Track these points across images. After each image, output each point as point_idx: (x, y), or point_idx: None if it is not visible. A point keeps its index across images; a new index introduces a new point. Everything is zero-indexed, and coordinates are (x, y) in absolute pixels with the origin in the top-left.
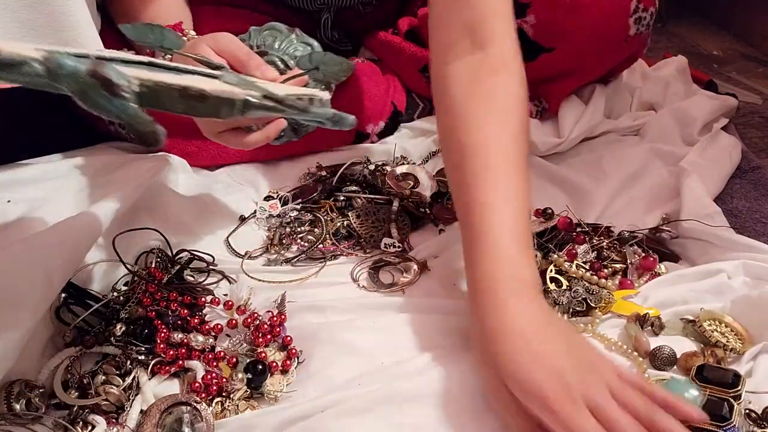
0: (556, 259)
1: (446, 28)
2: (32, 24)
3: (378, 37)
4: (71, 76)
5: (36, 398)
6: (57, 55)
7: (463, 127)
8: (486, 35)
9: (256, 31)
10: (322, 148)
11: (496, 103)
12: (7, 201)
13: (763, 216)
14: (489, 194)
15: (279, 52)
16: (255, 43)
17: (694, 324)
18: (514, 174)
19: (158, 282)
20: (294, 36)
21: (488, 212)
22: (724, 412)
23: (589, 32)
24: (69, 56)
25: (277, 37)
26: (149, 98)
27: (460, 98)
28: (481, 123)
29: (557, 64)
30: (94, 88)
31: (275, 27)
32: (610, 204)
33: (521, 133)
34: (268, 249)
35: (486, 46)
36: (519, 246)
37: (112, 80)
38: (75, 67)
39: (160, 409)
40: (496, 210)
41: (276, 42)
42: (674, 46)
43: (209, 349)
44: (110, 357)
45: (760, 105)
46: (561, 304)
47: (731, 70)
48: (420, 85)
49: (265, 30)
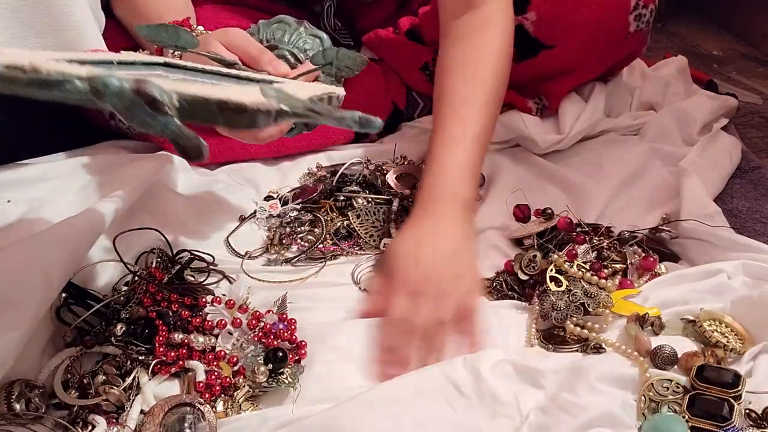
0: (556, 259)
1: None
2: (33, 24)
3: (378, 35)
4: (116, 95)
5: (36, 398)
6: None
7: (441, 74)
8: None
9: (265, 25)
10: (323, 147)
11: (473, 53)
12: (7, 201)
13: (763, 216)
14: (451, 131)
15: (289, 45)
16: (264, 37)
17: (695, 324)
18: (476, 118)
19: (159, 282)
20: (303, 29)
21: (448, 144)
22: (724, 413)
23: (590, 29)
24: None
25: (286, 31)
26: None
27: (446, 49)
28: (456, 70)
29: (557, 62)
30: (139, 105)
31: (284, 20)
32: (610, 204)
33: (494, 80)
34: (268, 249)
35: (476, 6)
36: (463, 173)
37: (155, 97)
38: (120, 87)
39: (163, 410)
40: (453, 145)
41: (285, 35)
42: (674, 46)
43: (210, 350)
44: (110, 357)
45: (760, 105)
46: (558, 309)
47: (731, 70)
48: (420, 83)
49: (274, 23)
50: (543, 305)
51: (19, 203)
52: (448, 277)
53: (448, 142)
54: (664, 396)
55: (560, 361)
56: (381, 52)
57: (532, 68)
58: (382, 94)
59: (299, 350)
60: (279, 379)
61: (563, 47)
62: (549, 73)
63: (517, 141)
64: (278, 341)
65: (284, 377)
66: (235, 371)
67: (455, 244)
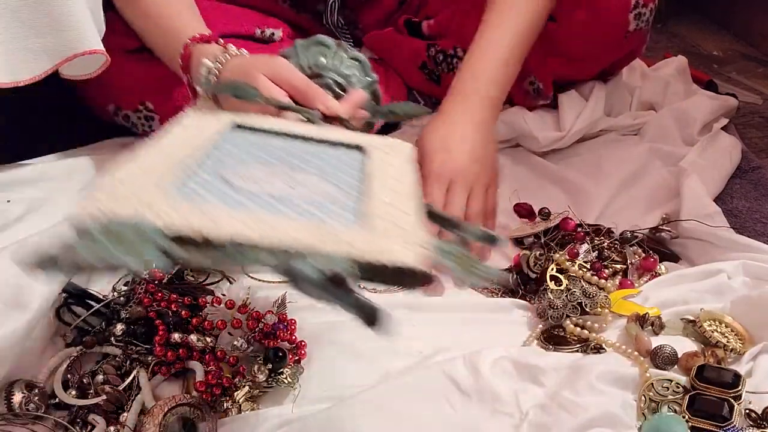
0: (557, 258)
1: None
2: (33, 24)
3: (378, 36)
4: (310, 282)
5: (36, 398)
6: (298, 262)
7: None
8: None
9: (303, 48)
10: None
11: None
12: (6, 201)
13: (763, 216)
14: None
15: (331, 72)
16: (305, 63)
17: (695, 324)
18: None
19: (158, 282)
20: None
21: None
22: (725, 413)
23: (590, 25)
24: (307, 262)
25: (327, 54)
26: (368, 278)
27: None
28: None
29: (557, 41)
30: (329, 288)
31: (322, 42)
32: (610, 204)
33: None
34: None
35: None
36: (497, 72)
37: (345, 279)
38: (315, 278)
39: (162, 410)
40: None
41: (326, 59)
42: (674, 46)
43: (209, 350)
44: (110, 357)
45: (760, 105)
46: (556, 308)
47: (731, 70)
48: (420, 82)
49: (312, 45)
50: (541, 304)
51: (18, 203)
52: (476, 171)
53: (489, 39)
54: (664, 396)
55: (560, 360)
56: (381, 52)
57: None
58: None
59: (299, 350)
60: (279, 378)
61: (565, 24)
62: (546, 50)
63: (517, 140)
64: (278, 341)
65: (284, 377)
66: (235, 371)
67: (480, 142)
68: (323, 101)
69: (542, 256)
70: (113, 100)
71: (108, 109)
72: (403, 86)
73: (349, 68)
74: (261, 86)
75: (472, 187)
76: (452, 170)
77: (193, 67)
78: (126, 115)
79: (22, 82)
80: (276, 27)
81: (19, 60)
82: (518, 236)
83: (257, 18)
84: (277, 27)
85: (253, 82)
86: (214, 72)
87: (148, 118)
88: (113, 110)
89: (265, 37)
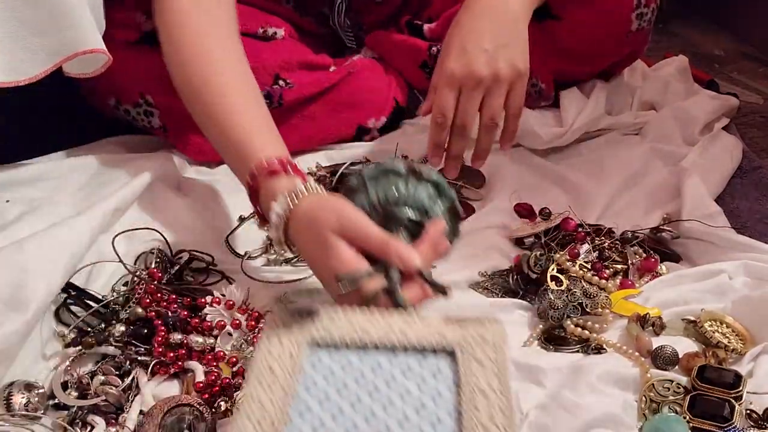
0: (558, 258)
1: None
2: (33, 23)
3: (379, 36)
4: None
5: (35, 399)
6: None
7: None
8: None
9: (372, 180)
10: (324, 143)
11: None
12: (6, 201)
13: (764, 216)
14: None
15: (406, 206)
16: (376, 199)
17: (695, 324)
18: None
19: (158, 282)
20: (414, 176)
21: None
22: (725, 413)
23: (592, 24)
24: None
25: (398, 184)
26: None
27: None
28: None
29: (559, 39)
30: None
31: (392, 169)
32: (611, 204)
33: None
34: (268, 249)
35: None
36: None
37: None
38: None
39: (162, 410)
40: None
41: (399, 191)
42: (675, 46)
43: (209, 350)
44: (110, 357)
45: (761, 105)
46: (556, 308)
47: (732, 70)
48: (421, 81)
49: (381, 175)
50: (541, 304)
51: (18, 203)
52: (492, 73)
53: None
54: (665, 396)
55: (561, 360)
56: (381, 51)
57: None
58: (384, 90)
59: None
60: None
61: (567, 22)
62: (548, 49)
63: (518, 140)
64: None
65: None
66: (234, 372)
67: (506, 38)
68: (401, 258)
69: (543, 257)
70: (114, 93)
71: (109, 102)
72: (405, 84)
73: (425, 195)
74: (334, 258)
75: (490, 87)
76: (463, 73)
77: (262, 202)
78: (126, 110)
79: (23, 81)
80: (278, 26)
81: (18, 59)
82: (519, 236)
83: (260, 16)
84: (280, 26)
85: (325, 250)
86: (284, 219)
87: (148, 113)
88: (114, 104)
89: (267, 35)
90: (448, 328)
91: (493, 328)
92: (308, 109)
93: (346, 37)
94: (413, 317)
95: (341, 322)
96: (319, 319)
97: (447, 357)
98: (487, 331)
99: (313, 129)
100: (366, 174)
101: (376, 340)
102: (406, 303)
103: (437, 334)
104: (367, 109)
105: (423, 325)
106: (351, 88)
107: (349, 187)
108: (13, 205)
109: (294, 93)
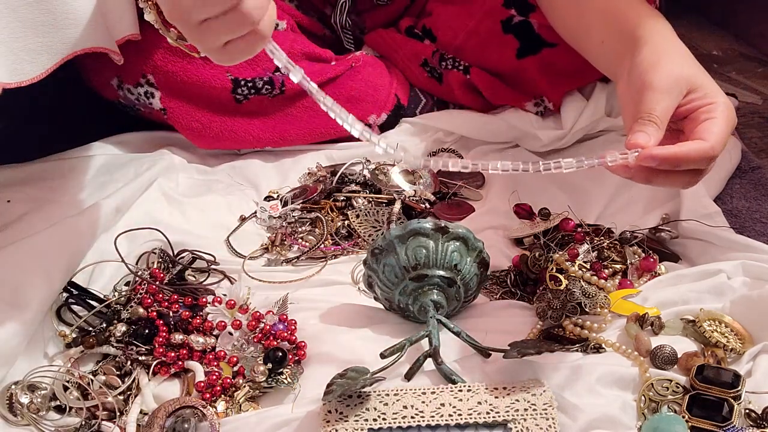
0: (557, 258)
1: None
2: (33, 23)
3: (380, 35)
4: None
5: (36, 399)
6: None
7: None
8: None
9: (400, 243)
10: (325, 138)
11: None
12: (7, 201)
13: (763, 216)
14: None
15: (436, 268)
16: (406, 263)
17: (694, 324)
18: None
19: (159, 282)
20: (441, 234)
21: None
22: (724, 413)
23: None
24: None
25: (428, 246)
26: None
27: None
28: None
29: (559, 62)
30: None
31: (419, 231)
32: (610, 204)
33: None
34: (269, 249)
35: None
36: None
37: None
38: None
39: (167, 412)
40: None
41: (428, 252)
42: None
43: (210, 350)
44: (110, 357)
45: (760, 105)
46: (555, 308)
47: (731, 70)
48: (421, 80)
49: (410, 237)
50: (540, 304)
51: (19, 203)
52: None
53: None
54: (664, 396)
55: (560, 360)
56: (382, 50)
57: (533, 64)
58: (386, 87)
59: (299, 351)
60: (279, 379)
61: (564, 46)
62: (551, 73)
63: (517, 141)
64: (278, 342)
65: (284, 377)
66: (235, 371)
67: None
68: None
69: (542, 257)
70: (116, 72)
71: (111, 83)
72: (406, 82)
73: (454, 252)
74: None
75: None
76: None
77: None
78: (128, 89)
79: (25, 82)
80: (280, 18)
81: (20, 60)
82: (518, 236)
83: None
84: (282, 18)
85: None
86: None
87: (149, 94)
88: (116, 84)
89: None
90: (497, 399)
91: (540, 394)
92: (309, 100)
93: (345, 38)
94: (462, 390)
95: (395, 405)
96: (371, 403)
97: (500, 428)
98: (537, 399)
99: (313, 121)
100: (393, 236)
101: (429, 419)
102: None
103: (488, 406)
104: (368, 105)
105: (472, 397)
106: (353, 83)
107: (377, 248)
108: (13, 205)
109: None
